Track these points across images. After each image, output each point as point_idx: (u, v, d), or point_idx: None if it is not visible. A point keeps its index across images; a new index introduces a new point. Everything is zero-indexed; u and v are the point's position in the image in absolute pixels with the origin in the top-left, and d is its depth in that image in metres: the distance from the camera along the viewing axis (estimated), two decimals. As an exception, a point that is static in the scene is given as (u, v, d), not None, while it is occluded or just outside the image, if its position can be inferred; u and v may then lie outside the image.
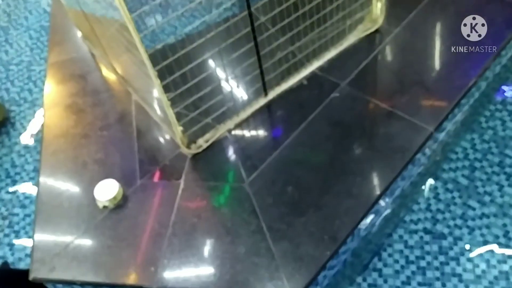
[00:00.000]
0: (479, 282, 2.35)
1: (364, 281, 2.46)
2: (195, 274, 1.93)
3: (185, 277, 1.93)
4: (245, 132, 2.36)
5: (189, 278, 1.92)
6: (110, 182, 2.18)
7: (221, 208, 2.11)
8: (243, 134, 2.35)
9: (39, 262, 2.03)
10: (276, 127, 2.37)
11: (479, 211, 2.56)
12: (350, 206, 2.04)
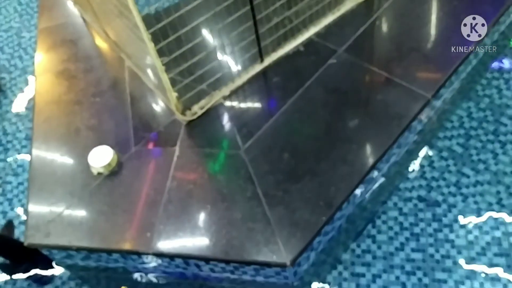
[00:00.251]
0: (471, 248, 2.38)
1: (358, 247, 2.49)
2: (191, 239, 1.93)
3: (181, 242, 1.93)
4: (240, 99, 2.33)
5: (185, 243, 1.93)
6: (104, 148, 2.16)
7: (217, 175, 2.10)
8: (238, 101, 2.33)
9: (34, 229, 2.02)
10: (272, 94, 2.34)
11: (473, 179, 2.57)
12: (346, 173, 2.04)
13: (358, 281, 2.40)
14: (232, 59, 2.39)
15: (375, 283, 2.39)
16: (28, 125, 3.10)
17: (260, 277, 2.02)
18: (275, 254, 1.86)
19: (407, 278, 2.37)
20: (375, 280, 2.40)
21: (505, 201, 2.49)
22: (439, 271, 2.36)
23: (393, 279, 2.38)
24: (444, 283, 2.32)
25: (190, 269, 2.04)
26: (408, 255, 2.43)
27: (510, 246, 2.36)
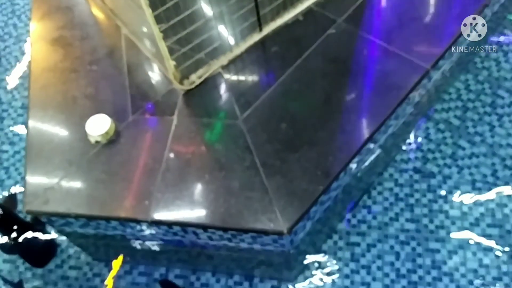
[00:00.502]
0: (465, 219, 2.42)
1: (354, 217, 2.52)
2: (189, 207, 1.95)
3: (179, 210, 1.95)
4: (239, 68, 2.32)
5: (183, 211, 1.94)
6: (102, 117, 2.14)
7: (214, 145, 2.10)
8: (236, 70, 2.31)
9: (32, 196, 2.02)
10: (270, 64, 2.33)
11: (469, 151, 2.59)
12: (344, 143, 2.04)
13: (353, 250, 2.45)
14: (230, 28, 2.35)
15: (369, 252, 2.43)
16: (23, 94, 3.08)
17: (257, 245, 2.04)
18: (272, 223, 1.88)
19: (401, 248, 2.42)
20: (369, 249, 2.44)
21: (500, 173, 2.52)
22: (432, 241, 2.40)
23: (387, 248, 2.43)
24: (437, 253, 2.37)
25: (188, 237, 2.07)
26: (402, 225, 2.47)
27: (503, 217, 2.40)
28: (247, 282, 2.42)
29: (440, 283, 2.29)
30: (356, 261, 2.41)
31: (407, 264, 2.36)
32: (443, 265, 2.33)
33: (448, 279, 2.29)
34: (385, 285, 2.33)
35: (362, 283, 2.35)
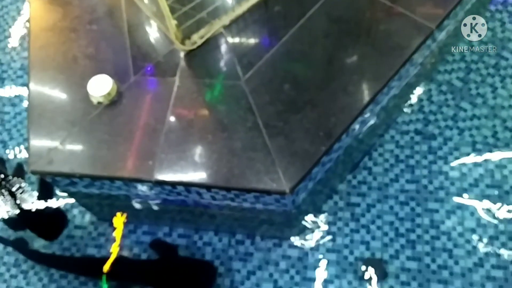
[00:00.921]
0: (464, 180, 2.45)
1: (354, 178, 2.56)
2: (192, 168, 1.96)
3: (182, 171, 1.97)
4: (241, 28, 2.28)
5: (187, 171, 1.96)
6: (103, 77, 2.13)
7: (217, 106, 2.10)
8: (239, 30, 2.28)
9: (36, 156, 2.04)
10: (273, 24, 2.29)
11: (470, 113, 2.60)
12: (346, 104, 2.04)
13: (353, 210, 2.49)
14: (232, -13, 2.31)
15: (369, 212, 2.48)
16: (22, 55, 3.05)
17: (259, 205, 2.08)
18: (275, 183, 1.91)
19: (401, 208, 2.46)
20: (369, 209, 2.49)
21: (500, 134, 2.53)
22: (431, 201, 2.44)
23: (387, 208, 2.47)
24: (436, 213, 2.41)
25: (191, 197, 2.09)
26: (402, 186, 2.51)
27: (502, 178, 2.43)
28: (249, 240, 2.48)
29: (438, 242, 2.34)
30: (356, 220, 2.45)
31: (406, 224, 2.40)
32: (441, 225, 2.38)
33: (445, 237, 2.35)
34: (384, 243, 2.38)
35: (361, 242, 2.40)
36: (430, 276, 2.29)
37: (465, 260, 2.29)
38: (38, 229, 2.52)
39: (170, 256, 2.42)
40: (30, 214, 2.55)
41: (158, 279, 2.32)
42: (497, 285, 2.23)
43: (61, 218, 2.56)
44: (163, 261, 2.42)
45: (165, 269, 2.36)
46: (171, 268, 2.37)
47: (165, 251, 2.45)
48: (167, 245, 2.46)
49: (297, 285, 2.35)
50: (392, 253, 2.36)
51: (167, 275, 2.33)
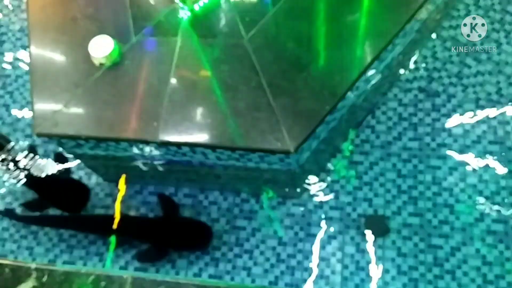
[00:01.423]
0: (467, 136, 2.47)
1: (357, 137, 2.57)
2: (197, 128, 1.97)
3: (187, 131, 1.98)
4: (242, -15, 2.24)
5: (191, 132, 1.97)
6: (105, 38, 2.10)
7: (220, 65, 2.08)
8: (240, -13, 2.23)
9: (41, 118, 2.04)
10: (275, -20, 2.24)
11: (474, 69, 2.58)
12: (350, 62, 2.03)
13: (356, 168, 2.52)
14: None
15: (372, 170, 2.51)
16: (20, 16, 3.00)
17: (264, 164, 2.10)
18: (279, 142, 1.92)
19: (403, 165, 2.49)
20: (372, 167, 2.51)
21: (504, 90, 2.53)
22: (434, 158, 2.46)
23: (390, 166, 2.50)
24: (438, 169, 2.44)
25: (197, 157, 2.11)
26: (405, 144, 2.52)
27: (505, 134, 2.44)
28: (253, 199, 2.52)
29: (439, 198, 2.38)
30: (359, 178, 2.48)
31: (408, 181, 2.44)
32: (443, 181, 2.41)
33: (447, 193, 2.38)
34: (387, 200, 2.42)
35: (364, 199, 2.44)
36: (432, 231, 2.34)
37: (466, 215, 2.34)
38: (59, 201, 2.54)
39: (171, 216, 2.48)
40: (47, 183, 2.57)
41: (158, 236, 2.42)
42: (497, 239, 2.28)
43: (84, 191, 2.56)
44: (163, 220, 2.48)
45: (165, 228, 2.44)
46: (170, 227, 2.45)
47: (168, 208, 2.50)
48: (171, 202, 2.51)
49: (301, 241, 2.41)
50: (394, 210, 2.40)
51: (167, 233, 2.43)
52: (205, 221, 2.48)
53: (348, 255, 2.35)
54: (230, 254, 2.43)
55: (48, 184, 2.56)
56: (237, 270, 2.40)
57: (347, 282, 2.31)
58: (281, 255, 2.40)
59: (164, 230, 2.43)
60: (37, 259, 2.47)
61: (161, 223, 2.47)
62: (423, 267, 2.29)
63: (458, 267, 2.27)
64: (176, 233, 2.44)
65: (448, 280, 2.25)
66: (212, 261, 2.43)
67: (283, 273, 2.37)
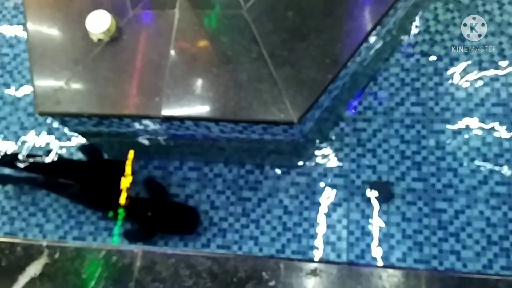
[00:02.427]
0: (470, 99, 2.46)
1: (360, 104, 2.56)
2: (199, 102, 1.97)
3: (190, 105, 1.97)
4: (239, -47, 2.18)
5: (194, 106, 1.97)
6: (101, 13, 2.07)
7: (220, 37, 2.06)
8: (237, -45, 2.18)
9: (42, 97, 2.04)
10: None
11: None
12: (352, 29, 2.00)
13: (359, 135, 2.52)
14: None
15: (375, 137, 2.51)
16: (14, -7, 2.95)
17: (267, 136, 2.10)
18: (282, 113, 1.92)
19: (406, 131, 2.49)
20: (375, 134, 2.51)
21: (507, 51, 2.50)
22: (437, 122, 2.46)
23: (393, 132, 2.50)
24: (442, 134, 2.44)
25: (200, 131, 2.12)
26: (408, 109, 2.52)
27: (508, 96, 2.43)
28: (258, 170, 2.53)
29: (443, 162, 2.39)
30: (362, 146, 2.49)
31: (411, 146, 2.44)
32: (447, 146, 2.41)
33: (451, 157, 2.39)
34: (390, 167, 2.43)
35: (368, 166, 2.45)
36: (436, 195, 2.36)
37: (470, 178, 2.35)
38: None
39: (158, 199, 2.51)
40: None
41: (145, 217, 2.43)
42: (500, 201, 2.30)
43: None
44: (151, 202, 2.50)
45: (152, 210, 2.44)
46: (158, 209, 2.46)
47: (156, 191, 2.52)
48: (158, 185, 2.53)
49: (306, 210, 2.44)
50: (398, 175, 2.41)
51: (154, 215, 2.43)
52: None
53: (354, 221, 2.39)
54: (237, 225, 2.46)
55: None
56: (245, 240, 2.44)
57: (353, 248, 2.35)
58: (287, 224, 2.43)
59: (152, 212, 2.44)
60: (47, 236, 2.51)
61: (149, 205, 2.48)
62: (428, 231, 2.32)
63: (462, 230, 2.30)
64: (164, 216, 2.46)
65: (453, 242, 2.29)
66: (220, 232, 2.46)
67: (290, 241, 2.41)
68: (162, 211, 2.47)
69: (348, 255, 2.35)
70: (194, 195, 2.53)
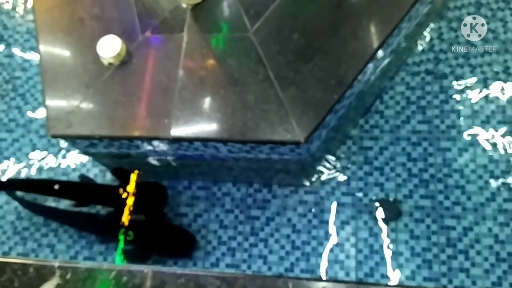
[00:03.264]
0: (476, 117, 2.47)
1: (367, 123, 2.59)
2: (208, 123, 2.00)
3: (198, 127, 2.01)
4: (245, -23, 2.24)
5: (202, 127, 2.01)
6: (112, 38, 2.13)
7: (227, 59, 2.11)
8: (243, -20, 2.24)
9: (55, 120, 2.08)
10: (278, -30, 2.24)
11: (481, 49, 2.57)
12: (356, 49, 2.04)
13: (366, 154, 2.54)
14: None
15: (382, 154, 2.53)
16: (27, 18, 3.03)
17: (275, 155, 2.13)
18: (289, 133, 1.95)
19: (413, 149, 2.50)
20: (382, 152, 2.53)
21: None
22: (444, 140, 2.48)
23: (399, 150, 2.52)
24: (448, 151, 2.45)
25: (209, 151, 2.15)
26: (414, 127, 2.54)
27: (514, 113, 2.44)
28: (266, 189, 2.56)
29: (450, 179, 2.40)
30: (369, 163, 2.51)
31: (418, 164, 2.45)
32: (454, 163, 2.42)
33: (458, 175, 2.40)
34: (398, 184, 2.45)
35: (375, 184, 2.47)
36: (444, 212, 2.36)
37: (478, 195, 2.36)
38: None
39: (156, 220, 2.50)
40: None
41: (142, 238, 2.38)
42: (508, 217, 2.30)
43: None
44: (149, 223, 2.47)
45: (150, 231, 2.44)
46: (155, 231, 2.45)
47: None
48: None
49: (315, 228, 2.45)
50: (405, 193, 2.42)
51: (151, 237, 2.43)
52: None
53: (362, 239, 2.39)
54: (245, 244, 2.48)
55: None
56: (253, 259, 2.45)
57: (362, 266, 2.36)
58: (296, 243, 2.44)
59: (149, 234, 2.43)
60: (58, 256, 2.54)
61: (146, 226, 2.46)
62: (436, 248, 2.32)
63: (471, 247, 2.30)
64: (161, 238, 2.46)
65: (462, 259, 2.28)
66: (229, 251, 2.48)
67: (298, 260, 2.42)
68: (159, 233, 2.47)
69: (356, 274, 2.35)
70: (202, 214, 2.56)
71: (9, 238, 2.63)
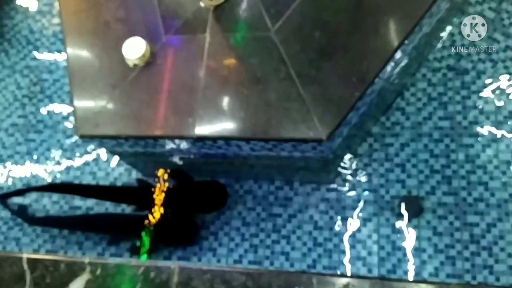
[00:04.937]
0: (499, 112, 2.46)
1: (388, 120, 2.59)
2: (231, 122, 2.04)
3: (222, 125, 2.05)
4: (266, -23, 2.27)
5: (226, 126, 2.04)
6: (136, 40, 2.18)
7: (249, 59, 2.14)
8: (264, -20, 2.26)
9: (83, 120, 2.15)
10: (298, -30, 2.26)
11: (503, 44, 2.55)
12: (378, 46, 2.04)
13: (387, 150, 2.55)
14: None
15: (403, 151, 2.53)
16: (52, 21, 3.11)
17: (297, 153, 2.15)
18: (311, 131, 1.97)
19: (435, 145, 2.50)
20: (403, 148, 2.53)
21: (535, 64, 2.49)
22: (466, 136, 2.47)
23: (421, 147, 2.52)
24: (471, 147, 2.44)
25: (231, 149, 2.18)
26: (436, 124, 2.53)
27: (537, 109, 2.42)
28: (287, 186, 2.58)
29: (473, 176, 2.39)
30: (391, 160, 2.51)
31: (441, 160, 2.45)
32: (477, 159, 2.41)
33: (481, 171, 2.39)
34: (420, 181, 2.45)
35: (397, 181, 2.47)
36: (467, 208, 2.35)
37: (501, 191, 2.34)
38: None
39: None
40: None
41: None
42: (533, 213, 2.29)
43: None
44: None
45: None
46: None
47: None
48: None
49: (336, 225, 2.46)
50: (428, 190, 2.42)
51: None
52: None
53: (384, 236, 2.40)
54: (268, 241, 2.51)
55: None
56: (276, 255, 2.48)
57: (384, 263, 2.36)
58: (318, 239, 2.47)
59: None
60: (86, 253, 2.61)
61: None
62: (460, 245, 2.32)
63: (494, 243, 2.29)
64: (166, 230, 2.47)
65: (485, 256, 2.28)
66: (251, 248, 2.51)
67: (321, 256, 2.44)
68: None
69: (379, 270, 2.36)
70: (225, 212, 2.60)
71: (38, 236, 2.72)
